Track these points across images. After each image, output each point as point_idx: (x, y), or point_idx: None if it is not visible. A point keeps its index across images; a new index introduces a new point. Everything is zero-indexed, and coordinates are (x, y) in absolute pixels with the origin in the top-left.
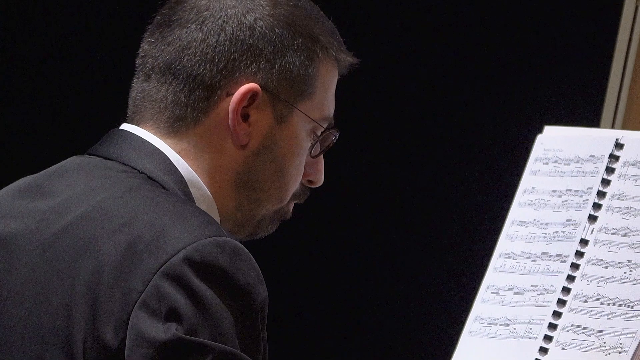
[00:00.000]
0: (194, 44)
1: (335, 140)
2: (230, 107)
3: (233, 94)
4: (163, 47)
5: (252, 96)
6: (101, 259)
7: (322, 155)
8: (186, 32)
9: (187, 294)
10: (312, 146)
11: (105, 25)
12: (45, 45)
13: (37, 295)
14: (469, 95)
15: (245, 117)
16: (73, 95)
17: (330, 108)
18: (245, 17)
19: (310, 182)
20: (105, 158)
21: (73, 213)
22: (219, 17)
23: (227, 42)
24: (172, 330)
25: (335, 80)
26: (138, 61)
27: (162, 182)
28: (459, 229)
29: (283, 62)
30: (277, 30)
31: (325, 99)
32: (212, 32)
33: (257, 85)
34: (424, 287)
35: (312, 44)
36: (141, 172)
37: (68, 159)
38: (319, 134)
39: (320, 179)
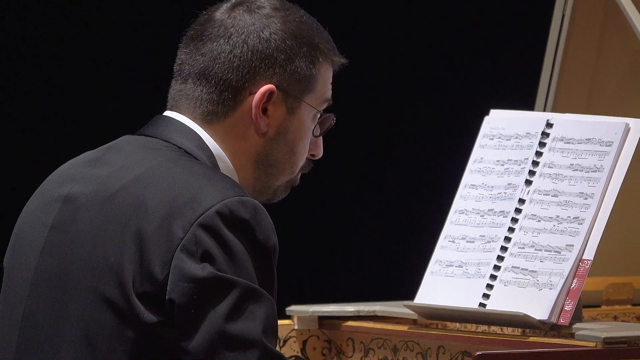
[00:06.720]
0: (223, 54)
1: (333, 123)
2: (253, 103)
3: (255, 93)
4: (198, 57)
5: (269, 94)
6: (148, 213)
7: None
8: (216, 45)
9: (218, 241)
10: (315, 128)
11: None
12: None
13: (95, 241)
14: (434, 86)
15: (264, 110)
16: (127, 92)
17: (327, 97)
18: (262, 32)
19: (313, 155)
20: (151, 137)
21: (126, 178)
22: (242, 33)
23: (249, 52)
24: (207, 268)
25: (331, 76)
26: (176, 67)
27: (196, 154)
28: (423, 192)
29: (292, 67)
30: (287, 42)
31: (324, 92)
32: (237, 45)
33: (273, 86)
34: (395, 235)
35: (314, 50)
36: (179, 147)
37: (121, 137)
38: (320, 118)
39: (320, 153)
